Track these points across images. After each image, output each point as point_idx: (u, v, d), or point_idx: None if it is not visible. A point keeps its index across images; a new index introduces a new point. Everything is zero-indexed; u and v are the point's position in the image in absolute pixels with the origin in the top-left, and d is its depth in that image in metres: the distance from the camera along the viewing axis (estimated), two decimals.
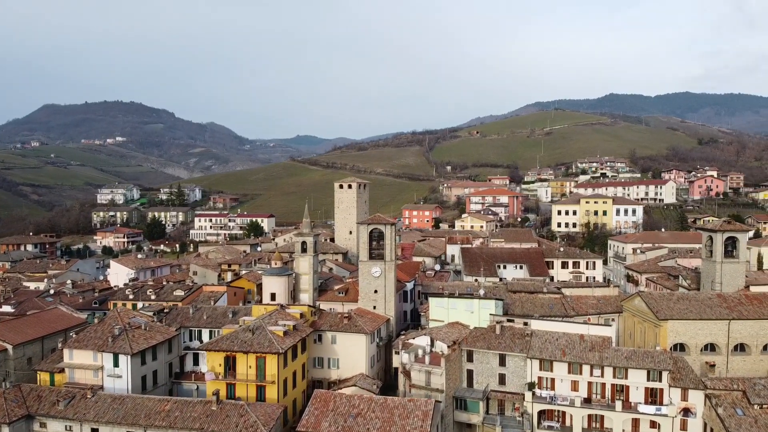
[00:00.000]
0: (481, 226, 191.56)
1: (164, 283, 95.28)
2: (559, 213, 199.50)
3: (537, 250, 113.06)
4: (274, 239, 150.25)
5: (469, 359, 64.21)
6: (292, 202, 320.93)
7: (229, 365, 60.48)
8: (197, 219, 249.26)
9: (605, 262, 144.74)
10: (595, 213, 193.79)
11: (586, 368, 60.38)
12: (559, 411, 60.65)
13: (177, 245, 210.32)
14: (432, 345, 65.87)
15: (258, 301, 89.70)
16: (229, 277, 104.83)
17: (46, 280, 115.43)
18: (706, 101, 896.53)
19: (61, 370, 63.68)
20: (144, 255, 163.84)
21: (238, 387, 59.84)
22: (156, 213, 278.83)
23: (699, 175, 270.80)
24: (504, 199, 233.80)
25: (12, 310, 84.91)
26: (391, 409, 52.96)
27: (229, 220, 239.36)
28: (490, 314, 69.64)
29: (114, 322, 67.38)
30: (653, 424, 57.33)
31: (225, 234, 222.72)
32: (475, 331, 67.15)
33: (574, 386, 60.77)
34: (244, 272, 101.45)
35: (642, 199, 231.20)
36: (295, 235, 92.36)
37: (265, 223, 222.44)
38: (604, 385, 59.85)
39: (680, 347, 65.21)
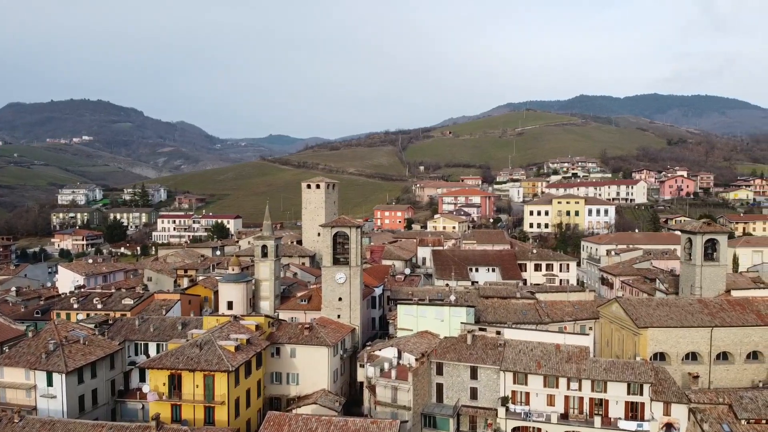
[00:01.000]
0: (454, 227, 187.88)
1: (113, 290, 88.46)
2: (531, 213, 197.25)
3: (510, 253, 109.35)
4: (237, 242, 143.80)
5: (439, 372, 59.64)
6: (261, 203, 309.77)
7: (174, 384, 54.67)
8: (160, 220, 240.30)
9: (579, 264, 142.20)
10: (567, 213, 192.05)
11: (562, 381, 56.32)
12: (534, 427, 56.45)
13: (138, 248, 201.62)
14: (399, 357, 61.07)
15: (214, 310, 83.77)
16: (185, 283, 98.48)
17: None
18: (673, 103, 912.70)
19: None
20: (102, 258, 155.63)
21: (184, 408, 54.08)
22: (118, 214, 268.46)
23: (669, 175, 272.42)
24: (476, 200, 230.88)
25: None
26: None
27: (194, 222, 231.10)
28: (461, 323, 65.18)
29: (50, 336, 61.04)
30: None
31: (189, 236, 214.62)
32: (445, 341, 62.62)
33: (551, 401, 56.66)
34: (201, 278, 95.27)
35: (613, 199, 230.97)
36: (255, 238, 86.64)
37: (231, 225, 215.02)
38: (582, 399, 55.85)
39: (661, 356, 61.66)
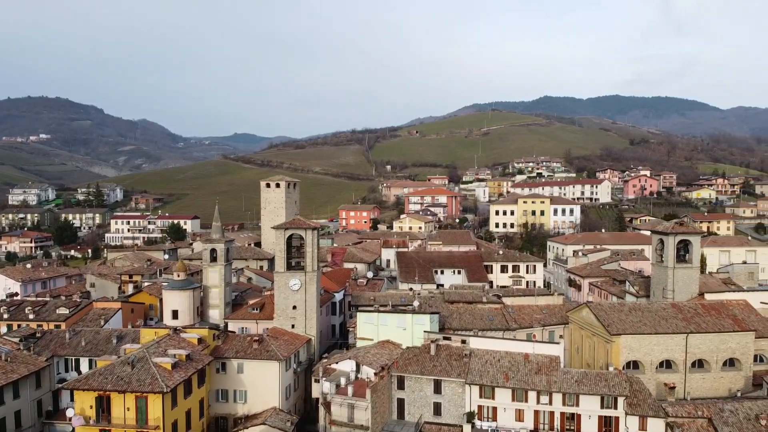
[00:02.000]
0: (420, 227, 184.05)
1: (48, 298, 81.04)
2: (497, 213, 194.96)
3: (476, 254, 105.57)
4: (191, 244, 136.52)
5: (400, 386, 54.92)
6: (222, 202, 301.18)
7: (103, 407, 48.63)
8: (114, 221, 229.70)
9: (545, 265, 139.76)
10: (533, 213, 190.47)
11: (532, 395, 52.30)
12: None
13: (89, 251, 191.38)
14: (358, 371, 56.20)
15: (160, 319, 77.32)
16: (130, 289, 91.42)
17: None
18: (635, 104, 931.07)
19: None
20: (47, 262, 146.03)
21: None
22: (70, 215, 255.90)
23: (633, 174, 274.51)
24: (443, 199, 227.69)
25: None
26: None
27: (149, 222, 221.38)
28: (425, 331, 60.65)
29: None
30: None
31: (143, 238, 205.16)
32: (407, 352, 57.94)
33: (519, 416, 52.57)
34: (146, 284, 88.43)
35: (578, 199, 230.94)
36: (203, 241, 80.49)
37: (189, 225, 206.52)
38: (552, 413, 51.90)
39: (634, 365, 58.30)
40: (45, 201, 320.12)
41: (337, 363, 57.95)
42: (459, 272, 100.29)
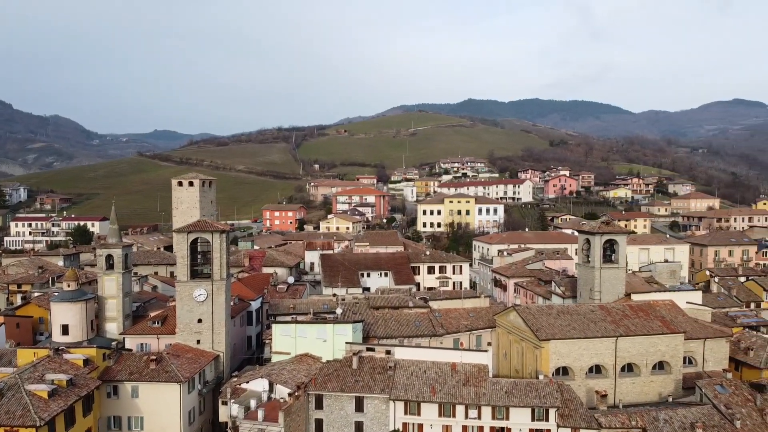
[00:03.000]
0: (348, 228, 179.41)
1: None
2: (425, 213, 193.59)
3: (403, 255, 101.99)
4: (94, 249, 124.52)
5: (318, 406, 49.85)
6: (136, 203, 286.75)
7: None
8: (14, 224, 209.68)
9: (471, 265, 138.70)
10: (459, 212, 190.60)
11: (460, 409, 48.77)
12: None
13: None
14: (271, 390, 50.59)
15: (50, 335, 68.04)
16: (18, 301, 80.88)
17: None
18: (553, 107, 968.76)
19: None
20: None
21: None
22: None
23: (553, 174, 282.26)
24: (371, 199, 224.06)
25: None
26: None
27: (53, 225, 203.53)
28: (347, 342, 55.83)
29: None
30: None
31: (47, 241, 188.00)
32: (328, 366, 52.91)
33: None
34: (36, 294, 78.31)
35: (501, 198, 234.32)
36: (99, 246, 71.81)
37: (97, 228, 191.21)
38: (481, 428, 48.54)
39: (563, 371, 56.06)
40: None
41: (247, 382, 52.04)
42: (386, 274, 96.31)
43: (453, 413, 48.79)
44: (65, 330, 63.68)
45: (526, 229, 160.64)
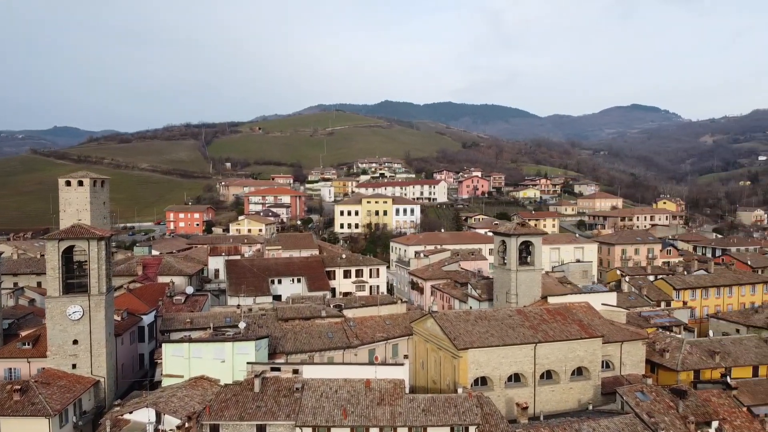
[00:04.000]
0: (260, 230, 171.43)
1: None
2: (342, 213, 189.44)
3: (317, 259, 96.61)
4: None
5: None
6: (28, 204, 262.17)
7: None
8: None
9: (389, 267, 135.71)
10: (377, 213, 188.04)
11: (374, 431, 44.28)
12: None
13: None
14: (158, 421, 43.84)
15: None
16: None
17: None
18: (465, 111, 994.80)
19: None
20: None
21: None
22: None
23: (466, 175, 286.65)
24: (286, 199, 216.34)
25: None
26: None
27: None
28: (248, 363, 49.84)
29: None
30: None
31: None
32: (225, 391, 46.78)
33: None
34: None
35: (418, 199, 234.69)
36: None
37: None
38: None
39: (482, 381, 53.18)
40: None
41: (131, 412, 44.97)
42: (299, 280, 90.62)
43: None
44: None
45: (442, 230, 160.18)
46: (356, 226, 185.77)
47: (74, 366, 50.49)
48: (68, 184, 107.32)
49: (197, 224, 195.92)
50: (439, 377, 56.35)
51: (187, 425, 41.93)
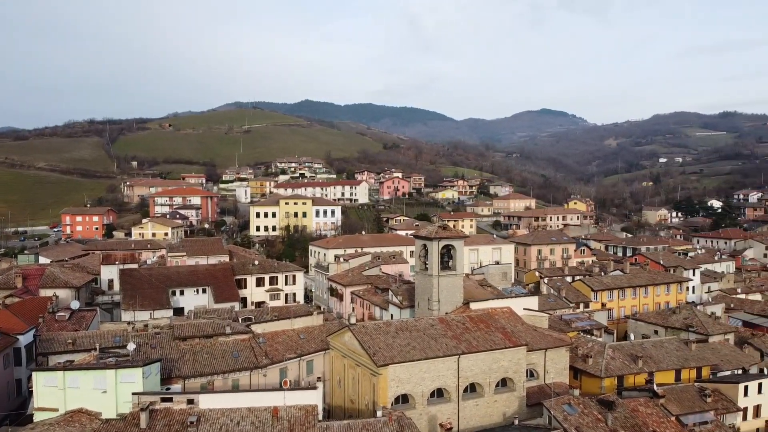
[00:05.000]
0: (166, 234, 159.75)
1: None
2: (258, 215, 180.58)
3: (225, 267, 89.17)
4: None
5: None
6: None
7: None
8: None
9: (308, 271, 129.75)
10: (295, 215, 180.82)
11: None
12: None
13: None
14: None
15: None
16: None
17: None
18: (386, 113, 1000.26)
19: None
20: None
21: None
22: None
23: (387, 176, 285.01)
24: (196, 200, 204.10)
25: None
26: None
27: None
28: (133, 393, 42.86)
29: None
30: None
31: None
32: (106, 428, 39.73)
33: None
34: None
35: (339, 200, 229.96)
36: None
37: None
38: None
39: (404, 398, 49.11)
40: None
41: None
42: (204, 291, 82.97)
43: None
44: None
45: (363, 232, 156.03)
46: (273, 228, 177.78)
47: None
48: None
49: (96, 228, 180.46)
50: (358, 396, 51.71)
51: None
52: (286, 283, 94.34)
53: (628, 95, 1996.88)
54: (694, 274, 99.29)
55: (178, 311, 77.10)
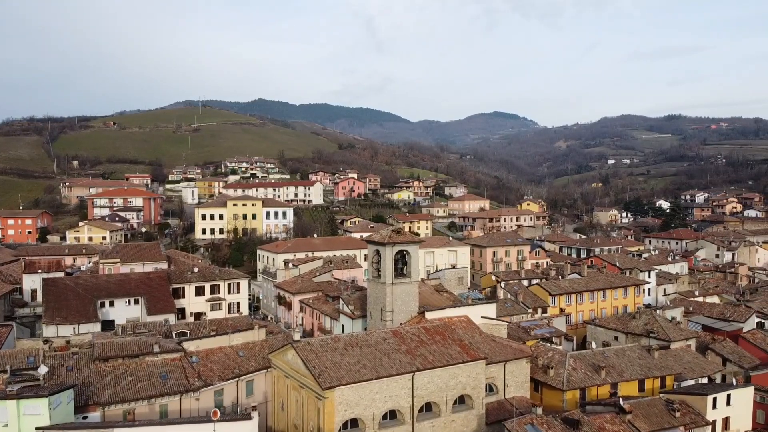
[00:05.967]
0: (104, 238, 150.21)
1: None
2: (204, 218, 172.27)
3: (160, 275, 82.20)
4: None
5: None
6: None
7: None
8: None
9: (255, 278, 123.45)
10: (244, 217, 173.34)
11: None
12: None
13: None
14: None
15: None
16: None
17: None
18: (341, 113, 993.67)
19: None
20: None
21: None
22: None
23: (342, 177, 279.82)
24: (138, 202, 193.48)
25: None
26: None
27: None
28: (37, 428, 36.73)
29: None
30: None
31: None
32: None
33: None
34: None
35: (292, 201, 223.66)
36: None
37: None
38: None
39: (353, 423, 44.47)
40: None
41: None
42: (137, 302, 76.03)
43: None
44: None
45: (315, 235, 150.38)
46: (221, 231, 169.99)
47: None
48: None
49: (29, 232, 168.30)
50: (302, 422, 46.74)
51: None
52: (229, 292, 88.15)
53: (577, 99, 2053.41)
54: (649, 276, 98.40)
55: (107, 324, 70.14)
